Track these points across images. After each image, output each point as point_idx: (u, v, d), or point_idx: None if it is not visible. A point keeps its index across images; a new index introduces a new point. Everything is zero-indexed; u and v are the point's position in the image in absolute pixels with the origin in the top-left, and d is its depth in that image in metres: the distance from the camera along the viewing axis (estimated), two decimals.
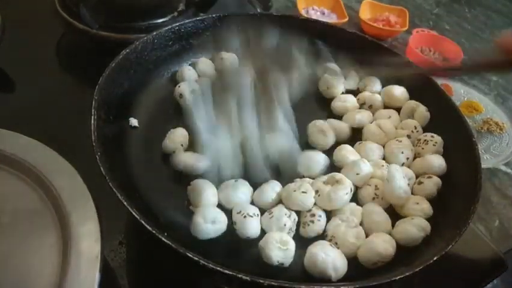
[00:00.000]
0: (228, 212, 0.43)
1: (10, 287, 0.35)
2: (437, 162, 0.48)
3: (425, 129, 0.54)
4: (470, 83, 0.81)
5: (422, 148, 0.50)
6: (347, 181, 0.44)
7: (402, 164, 0.49)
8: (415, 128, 0.53)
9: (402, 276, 0.34)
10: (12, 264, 0.36)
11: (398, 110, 0.57)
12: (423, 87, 0.56)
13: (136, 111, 0.51)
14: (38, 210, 0.39)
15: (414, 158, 0.51)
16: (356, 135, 0.54)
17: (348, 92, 0.60)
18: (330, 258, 0.38)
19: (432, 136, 0.51)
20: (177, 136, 0.48)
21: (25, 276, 0.35)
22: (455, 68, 0.46)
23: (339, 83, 0.58)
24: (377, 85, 0.60)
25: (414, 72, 0.55)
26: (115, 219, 0.45)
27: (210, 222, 0.40)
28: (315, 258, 0.38)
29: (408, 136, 0.52)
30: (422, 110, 0.54)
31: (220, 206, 0.43)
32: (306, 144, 0.51)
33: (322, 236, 0.42)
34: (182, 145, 0.47)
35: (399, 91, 0.57)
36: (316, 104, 0.59)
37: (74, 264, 0.34)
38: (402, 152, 0.49)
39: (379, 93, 0.59)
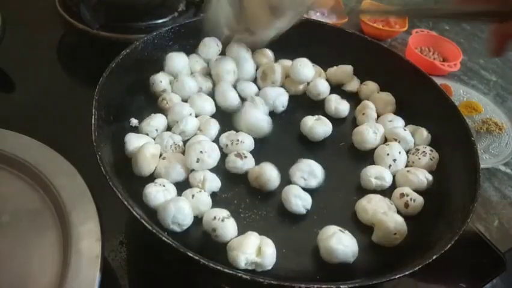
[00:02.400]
0: None
1: (10, 286, 0.35)
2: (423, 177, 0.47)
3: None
4: (470, 83, 0.82)
5: (419, 158, 0.49)
6: None
7: (390, 166, 0.48)
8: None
9: (401, 275, 0.34)
10: (12, 264, 0.36)
11: None
12: (423, 87, 0.56)
13: (136, 111, 0.51)
14: (39, 209, 0.39)
15: (407, 165, 0.50)
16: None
17: (349, 94, 0.60)
18: (349, 249, 0.39)
19: (431, 150, 0.50)
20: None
21: (25, 275, 0.35)
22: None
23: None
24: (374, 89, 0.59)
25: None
26: (116, 218, 0.45)
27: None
28: (335, 253, 0.39)
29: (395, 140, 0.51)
30: (422, 132, 0.52)
31: None
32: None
33: None
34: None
35: (388, 98, 0.57)
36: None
37: (74, 263, 0.34)
38: (388, 154, 0.49)
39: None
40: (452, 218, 0.42)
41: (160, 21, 0.67)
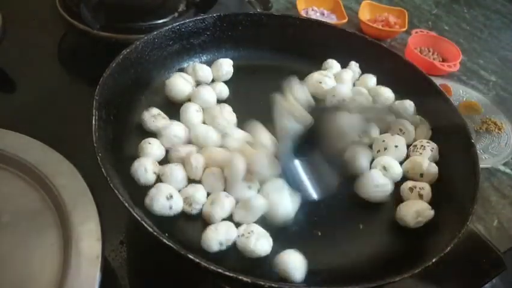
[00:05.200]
0: None
1: (10, 286, 0.35)
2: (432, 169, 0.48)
3: None
4: (469, 83, 0.82)
5: (420, 153, 0.49)
6: None
7: (378, 152, 0.49)
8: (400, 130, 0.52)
9: (401, 278, 0.34)
10: (12, 264, 0.36)
11: None
12: (422, 87, 0.56)
13: (137, 111, 0.51)
14: (39, 209, 0.39)
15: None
16: None
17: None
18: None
19: (428, 142, 0.50)
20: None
21: (26, 275, 0.35)
22: None
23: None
24: (371, 82, 0.59)
25: None
26: (116, 219, 0.45)
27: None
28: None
29: (401, 130, 0.52)
30: (424, 128, 0.53)
31: None
32: None
33: None
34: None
35: (387, 92, 0.57)
36: None
37: (74, 263, 0.34)
38: (384, 141, 0.49)
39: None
40: (451, 218, 0.42)
41: (160, 21, 0.67)
